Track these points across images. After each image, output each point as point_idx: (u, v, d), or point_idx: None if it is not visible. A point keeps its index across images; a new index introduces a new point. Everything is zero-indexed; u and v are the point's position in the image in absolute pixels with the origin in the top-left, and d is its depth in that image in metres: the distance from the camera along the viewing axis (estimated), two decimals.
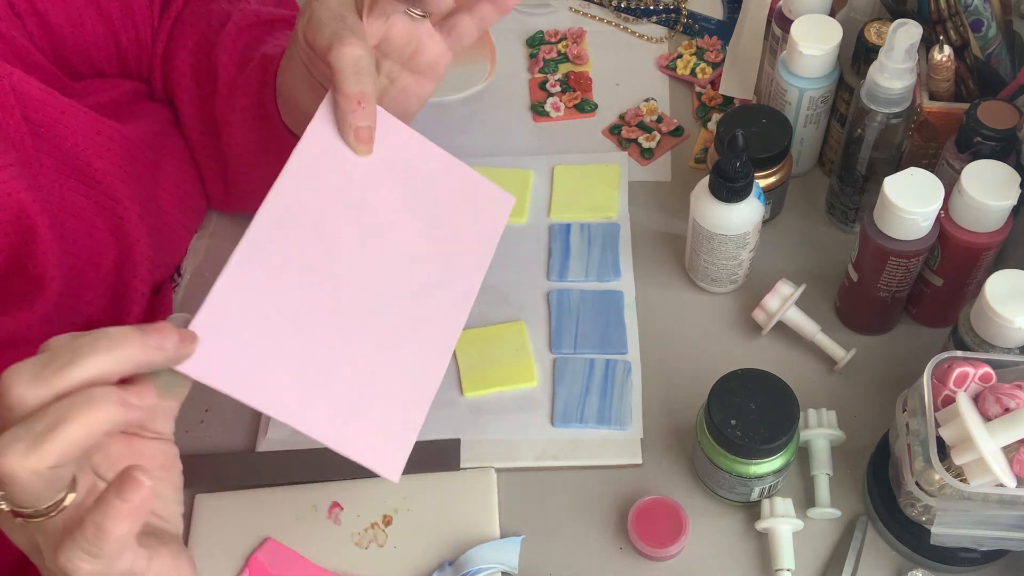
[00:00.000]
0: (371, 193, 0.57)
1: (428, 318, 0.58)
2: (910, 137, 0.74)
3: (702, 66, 0.90)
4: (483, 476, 0.68)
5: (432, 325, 0.58)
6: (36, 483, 0.41)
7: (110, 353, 0.42)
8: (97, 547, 0.42)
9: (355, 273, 0.55)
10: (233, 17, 0.75)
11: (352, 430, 0.53)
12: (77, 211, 0.67)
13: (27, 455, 0.40)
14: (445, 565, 0.64)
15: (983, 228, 0.64)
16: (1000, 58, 0.74)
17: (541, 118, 0.89)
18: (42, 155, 0.65)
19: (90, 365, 0.42)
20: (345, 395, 0.53)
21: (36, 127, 0.64)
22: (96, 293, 0.69)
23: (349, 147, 0.57)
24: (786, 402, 0.61)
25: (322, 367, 0.52)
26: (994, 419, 0.55)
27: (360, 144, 0.56)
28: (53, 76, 0.69)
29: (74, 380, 0.41)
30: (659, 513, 0.64)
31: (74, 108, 0.66)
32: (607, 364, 0.73)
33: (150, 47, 0.76)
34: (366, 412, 0.54)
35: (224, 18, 0.75)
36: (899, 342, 0.73)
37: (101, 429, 0.41)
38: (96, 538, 0.41)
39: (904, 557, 0.63)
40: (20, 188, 0.61)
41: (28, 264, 0.63)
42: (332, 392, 0.53)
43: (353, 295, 0.55)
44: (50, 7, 0.69)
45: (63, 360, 0.41)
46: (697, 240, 0.72)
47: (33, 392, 0.41)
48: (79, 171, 0.68)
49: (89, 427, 0.41)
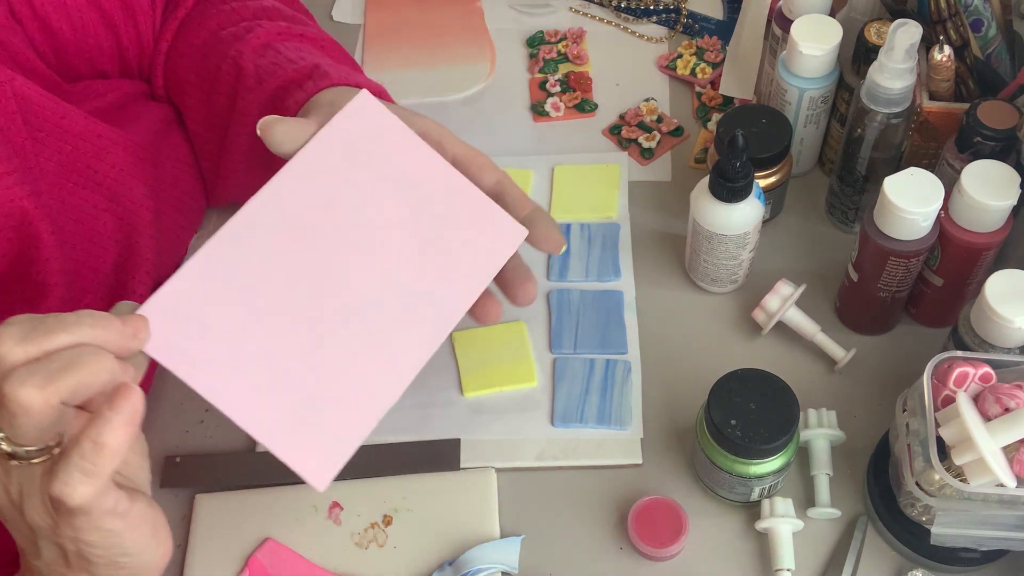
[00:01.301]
0: (370, 205, 0.57)
1: (399, 337, 0.57)
2: (910, 137, 0.74)
3: (702, 66, 0.90)
4: (483, 476, 0.68)
5: (402, 344, 0.57)
6: (47, 417, 0.43)
7: (93, 328, 0.45)
8: (94, 462, 0.43)
9: (332, 281, 0.55)
10: (263, 24, 0.75)
11: (289, 433, 0.53)
12: (79, 215, 0.68)
13: (45, 387, 0.42)
14: (445, 565, 0.64)
15: (983, 228, 0.64)
16: (1000, 58, 0.74)
17: (541, 118, 0.89)
18: (43, 160, 0.65)
19: (78, 332, 0.44)
20: (292, 397, 0.53)
21: (37, 132, 0.65)
22: (96, 295, 0.70)
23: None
24: (786, 402, 0.61)
25: (277, 366, 0.52)
26: (994, 419, 0.55)
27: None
28: (53, 82, 0.69)
29: (62, 342, 0.44)
30: (659, 513, 0.64)
31: (75, 112, 0.67)
32: (607, 364, 0.73)
33: (152, 47, 0.76)
34: (309, 418, 0.53)
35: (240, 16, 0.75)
36: (899, 342, 0.73)
37: (102, 378, 0.44)
38: (93, 453, 0.43)
39: (904, 557, 0.63)
40: (22, 195, 0.61)
41: (31, 271, 0.63)
42: (280, 392, 0.53)
43: (326, 302, 0.55)
44: (51, 11, 0.69)
45: (51, 325, 0.44)
46: (697, 240, 0.72)
47: (22, 349, 0.43)
48: (80, 174, 0.68)
49: (95, 373, 0.44)
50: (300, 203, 0.55)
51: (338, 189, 0.56)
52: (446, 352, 0.74)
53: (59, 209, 0.66)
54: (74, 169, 0.67)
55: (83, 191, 0.68)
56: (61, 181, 0.66)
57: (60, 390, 0.43)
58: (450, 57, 0.94)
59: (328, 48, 0.75)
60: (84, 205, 0.68)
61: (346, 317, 0.55)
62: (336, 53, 0.76)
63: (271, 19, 0.76)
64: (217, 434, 0.71)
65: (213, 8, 0.77)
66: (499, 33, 0.96)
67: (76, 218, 0.67)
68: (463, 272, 0.59)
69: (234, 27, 0.74)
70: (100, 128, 0.68)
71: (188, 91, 0.76)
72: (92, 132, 0.68)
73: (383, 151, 0.57)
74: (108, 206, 0.69)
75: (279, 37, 0.73)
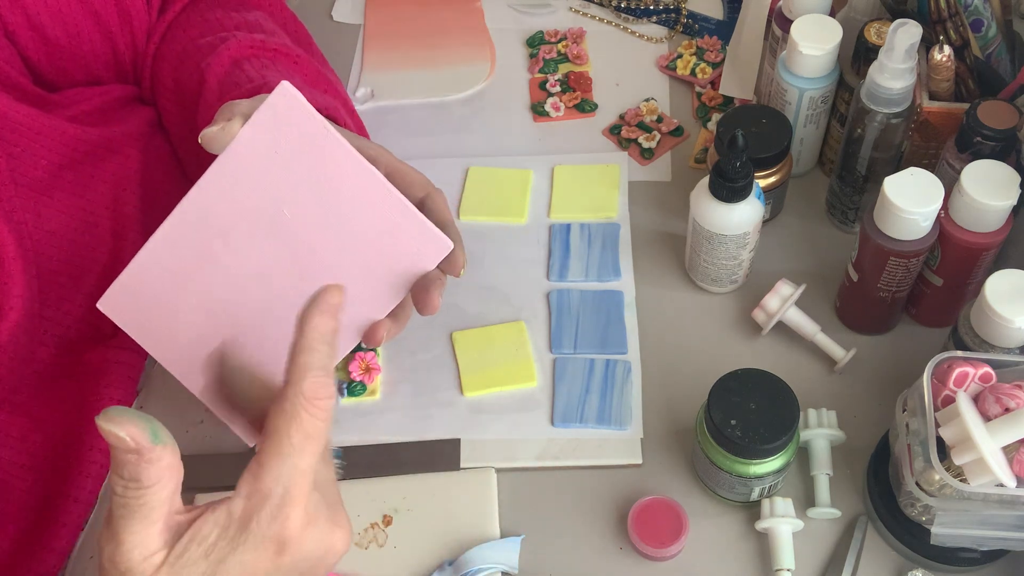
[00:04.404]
0: (291, 205, 0.57)
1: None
2: (910, 137, 0.74)
3: (702, 66, 0.90)
4: (483, 476, 0.68)
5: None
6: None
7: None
8: (324, 353, 0.45)
9: (254, 278, 0.58)
10: (238, 36, 0.74)
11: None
12: (60, 222, 0.69)
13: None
14: (445, 565, 0.64)
15: (983, 228, 0.64)
16: (1000, 58, 0.75)
17: (541, 118, 0.89)
18: (17, 175, 0.66)
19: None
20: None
21: (12, 147, 0.65)
22: (78, 302, 0.71)
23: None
24: (786, 402, 0.61)
25: (203, 345, 0.58)
26: (994, 419, 0.55)
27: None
28: (34, 95, 0.70)
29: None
30: (659, 513, 0.64)
31: (52, 123, 0.68)
32: (607, 364, 0.73)
33: (144, 49, 0.76)
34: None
35: (222, 27, 0.75)
36: (899, 342, 0.73)
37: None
38: (319, 341, 0.45)
39: (904, 557, 0.63)
40: None
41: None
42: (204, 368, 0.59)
43: (248, 296, 0.58)
44: (47, 21, 0.69)
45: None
46: (697, 240, 0.72)
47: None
48: (58, 187, 0.69)
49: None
50: (223, 205, 0.56)
51: (260, 188, 0.56)
52: (446, 352, 0.74)
53: (32, 223, 0.67)
54: (51, 183, 0.68)
55: (71, 198, 0.69)
56: (35, 195, 0.67)
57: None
58: (450, 57, 0.94)
59: (303, 64, 0.74)
60: (61, 217, 0.69)
61: (264, 312, 0.58)
62: (309, 71, 0.74)
63: (251, 31, 0.75)
64: (217, 434, 0.71)
65: (198, 16, 0.76)
66: (499, 33, 0.96)
67: (52, 229, 0.68)
68: (382, 282, 0.59)
69: (211, 37, 0.74)
70: (82, 133, 0.69)
71: (166, 95, 0.76)
72: (74, 138, 0.69)
73: (306, 150, 0.56)
74: (93, 208, 0.70)
75: (251, 51, 0.72)
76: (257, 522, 0.42)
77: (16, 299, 0.64)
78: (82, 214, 0.70)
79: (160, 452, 0.41)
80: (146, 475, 0.41)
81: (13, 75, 0.68)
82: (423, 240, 0.59)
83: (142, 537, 0.41)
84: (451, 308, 0.76)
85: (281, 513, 0.42)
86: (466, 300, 0.77)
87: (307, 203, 0.57)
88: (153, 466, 0.41)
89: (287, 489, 0.43)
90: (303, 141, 0.55)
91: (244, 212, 0.57)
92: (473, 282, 0.78)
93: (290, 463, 0.43)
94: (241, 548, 0.42)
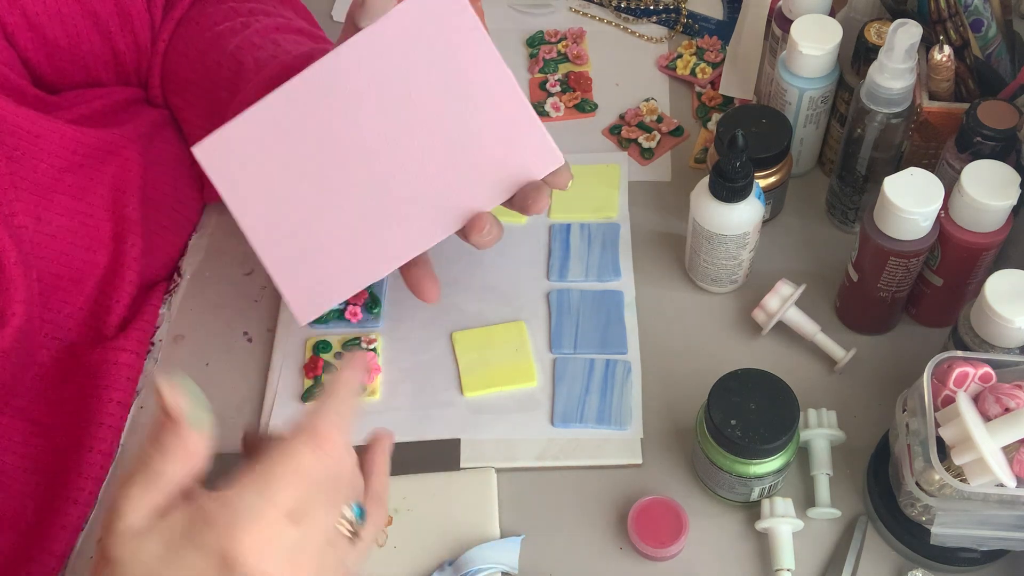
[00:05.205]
0: (419, 91, 0.59)
1: (410, 221, 0.62)
2: (910, 137, 0.74)
3: (702, 66, 0.90)
4: (483, 476, 0.68)
5: (410, 228, 0.62)
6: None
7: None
8: (348, 406, 0.47)
9: (365, 153, 0.60)
10: (260, 19, 0.75)
11: (291, 268, 0.62)
12: (55, 230, 0.69)
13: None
14: (445, 565, 0.64)
15: (983, 228, 0.64)
16: (1000, 58, 0.75)
17: (541, 118, 0.89)
18: (16, 179, 0.66)
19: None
20: (305, 241, 0.62)
21: (12, 151, 0.66)
22: (78, 304, 0.70)
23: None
24: (786, 402, 0.61)
25: (300, 212, 0.61)
26: (994, 419, 0.55)
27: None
28: (34, 97, 0.70)
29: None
30: (659, 513, 0.64)
31: (52, 125, 0.68)
32: (607, 364, 0.73)
33: (149, 50, 0.76)
34: (313, 262, 0.62)
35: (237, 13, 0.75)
36: (899, 342, 0.73)
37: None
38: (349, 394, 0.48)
39: (904, 557, 0.63)
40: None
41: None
42: (296, 234, 0.61)
43: (356, 170, 0.60)
44: (46, 22, 0.69)
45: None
46: (697, 240, 0.72)
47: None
48: (58, 190, 0.69)
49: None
50: (355, 76, 0.58)
51: (396, 67, 0.58)
52: (446, 352, 0.74)
53: (32, 228, 0.67)
54: (53, 186, 0.68)
55: (71, 201, 0.69)
56: (36, 199, 0.67)
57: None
58: None
59: (323, 43, 0.76)
60: (61, 219, 0.69)
61: (369, 188, 0.61)
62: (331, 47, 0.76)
63: (268, 15, 0.76)
64: (217, 434, 0.71)
65: (210, 7, 0.77)
66: (499, 33, 0.96)
67: (52, 232, 0.68)
68: (488, 178, 0.61)
69: (231, 23, 0.74)
70: (82, 136, 0.69)
71: (188, 88, 0.76)
72: (74, 141, 0.69)
73: (452, 40, 0.59)
74: (93, 212, 0.70)
75: (277, 31, 0.74)
76: (213, 530, 0.42)
77: (18, 304, 0.64)
78: (82, 217, 0.70)
79: (189, 434, 0.44)
80: (166, 444, 0.44)
81: (13, 77, 0.68)
82: (539, 150, 0.61)
83: (139, 502, 0.43)
84: (451, 308, 0.76)
85: (235, 531, 0.42)
86: (466, 300, 0.77)
87: (437, 90, 0.59)
88: (177, 440, 0.44)
89: (250, 510, 0.42)
90: (451, 31, 0.58)
91: (374, 86, 0.58)
92: (473, 282, 0.78)
93: (264, 488, 0.43)
94: (192, 549, 0.42)
